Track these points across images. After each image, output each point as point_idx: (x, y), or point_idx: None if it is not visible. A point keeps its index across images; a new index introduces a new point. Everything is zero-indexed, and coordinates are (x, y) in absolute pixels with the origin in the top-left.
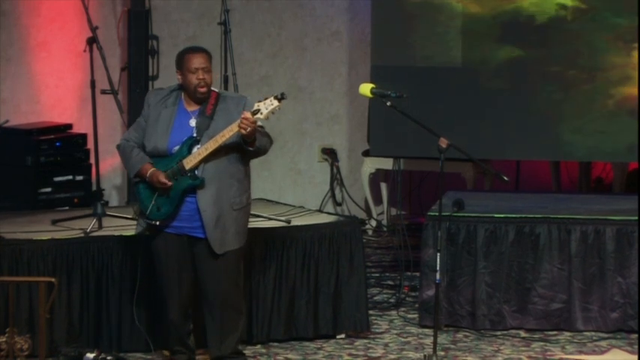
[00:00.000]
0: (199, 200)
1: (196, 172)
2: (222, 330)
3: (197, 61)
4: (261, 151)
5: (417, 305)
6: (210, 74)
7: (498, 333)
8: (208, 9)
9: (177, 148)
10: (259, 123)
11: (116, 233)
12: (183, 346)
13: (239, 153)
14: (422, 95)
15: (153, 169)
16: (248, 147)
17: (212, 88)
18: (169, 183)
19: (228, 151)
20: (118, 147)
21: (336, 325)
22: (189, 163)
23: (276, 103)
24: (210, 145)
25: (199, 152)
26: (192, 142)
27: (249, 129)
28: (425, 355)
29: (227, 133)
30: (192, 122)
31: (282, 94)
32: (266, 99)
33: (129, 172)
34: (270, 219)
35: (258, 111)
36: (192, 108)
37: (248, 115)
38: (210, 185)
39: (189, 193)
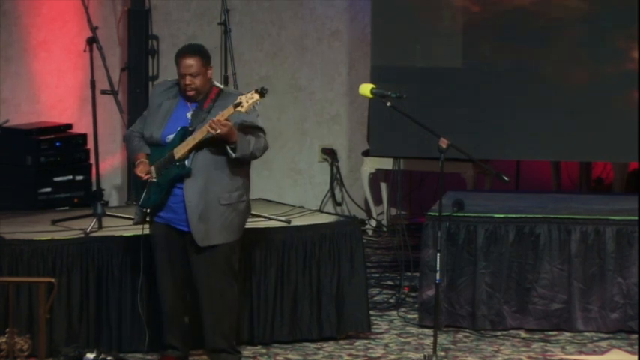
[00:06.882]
0: (186, 190)
1: (186, 162)
2: (212, 326)
3: (183, 66)
4: (247, 159)
5: (417, 305)
6: (199, 77)
7: (498, 333)
8: (208, 9)
9: (171, 137)
10: (258, 124)
11: (116, 233)
12: (176, 340)
13: None
14: (422, 95)
15: (141, 160)
16: (231, 152)
17: (217, 84)
18: (144, 177)
19: (219, 145)
20: (124, 138)
21: (339, 327)
22: (178, 152)
23: (256, 96)
24: (197, 136)
25: (187, 142)
26: (184, 133)
27: (218, 130)
28: (425, 356)
29: (205, 129)
30: (189, 114)
31: (263, 88)
32: (248, 92)
33: (131, 159)
34: (270, 219)
35: (239, 104)
36: (192, 101)
37: (219, 116)
38: (198, 177)
39: (177, 183)
